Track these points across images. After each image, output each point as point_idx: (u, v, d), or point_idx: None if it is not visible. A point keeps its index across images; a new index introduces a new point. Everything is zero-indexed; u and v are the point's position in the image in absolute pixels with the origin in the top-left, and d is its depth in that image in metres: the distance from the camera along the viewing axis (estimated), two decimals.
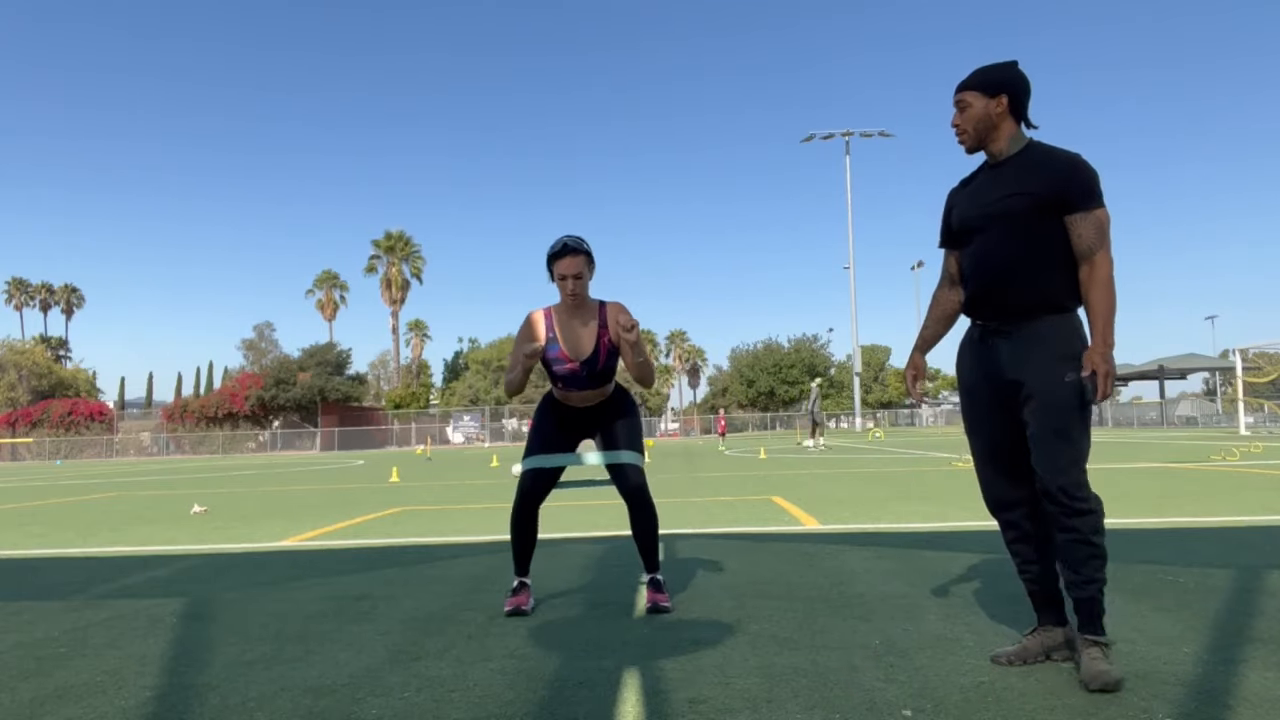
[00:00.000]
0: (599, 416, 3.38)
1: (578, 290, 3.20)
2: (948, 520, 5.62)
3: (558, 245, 3.17)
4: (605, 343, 3.26)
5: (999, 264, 2.36)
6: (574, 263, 3.16)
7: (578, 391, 3.32)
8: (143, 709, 2.19)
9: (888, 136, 51.13)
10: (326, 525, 6.67)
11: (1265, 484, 7.60)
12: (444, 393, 61.06)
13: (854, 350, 51.95)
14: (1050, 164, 2.32)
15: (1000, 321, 2.38)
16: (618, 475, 3.28)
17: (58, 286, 70.12)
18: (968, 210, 2.46)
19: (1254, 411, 35.59)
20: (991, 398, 2.40)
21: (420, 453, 30.86)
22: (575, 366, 3.24)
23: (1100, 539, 2.23)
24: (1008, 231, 2.35)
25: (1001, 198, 2.36)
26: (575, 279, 3.17)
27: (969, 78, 2.44)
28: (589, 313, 3.29)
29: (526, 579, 3.31)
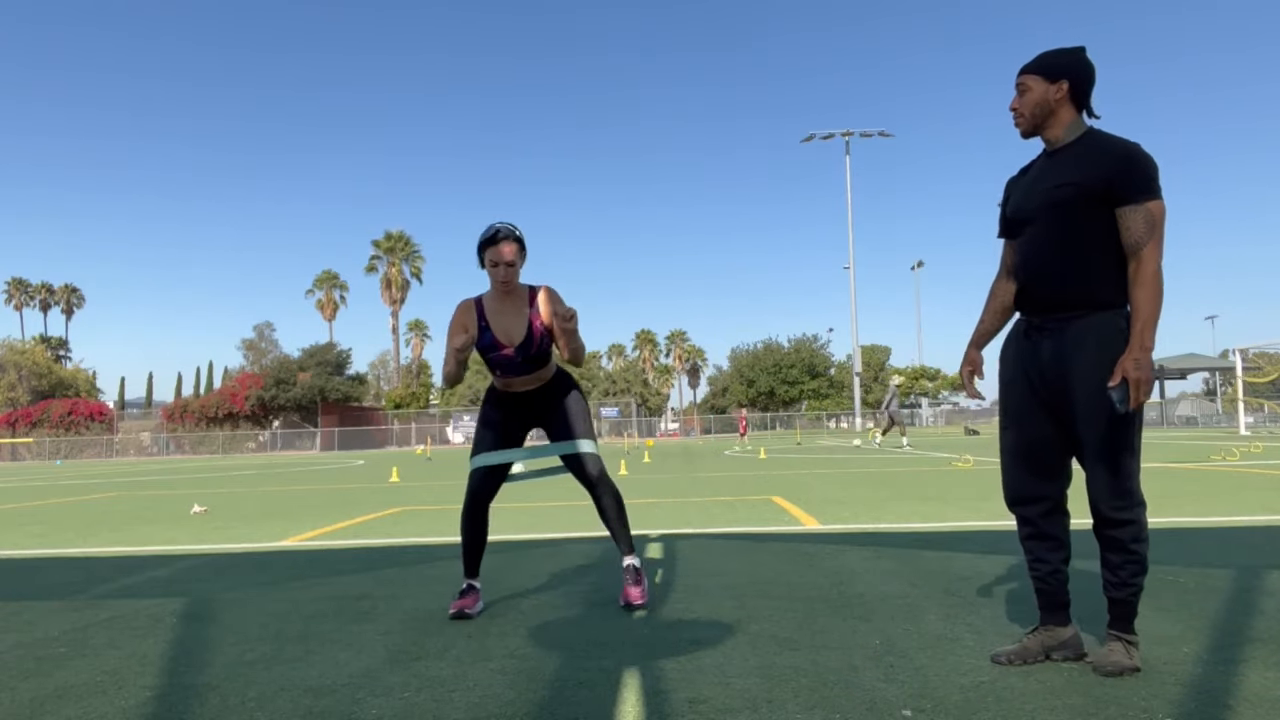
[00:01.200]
0: (543, 403, 3.36)
1: (509, 277, 3.19)
2: (948, 520, 5.62)
3: (489, 231, 3.17)
4: (537, 326, 3.25)
5: (1045, 257, 2.31)
6: (507, 249, 3.15)
7: (516, 377, 3.31)
8: (143, 709, 2.19)
9: (888, 136, 51.14)
10: (326, 525, 6.67)
11: (1265, 484, 7.60)
12: (444, 393, 61.03)
13: (854, 350, 51.94)
14: (1103, 153, 2.24)
15: (1044, 317, 2.33)
16: (575, 465, 3.27)
17: (58, 286, 70.15)
18: (1020, 200, 2.41)
19: (1254, 411, 35.59)
20: (1029, 394, 2.37)
21: (420, 453, 30.85)
22: (510, 352, 3.24)
23: (1140, 547, 2.23)
24: (1056, 223, 2.28)
25: (1052, 187, 2.29)
26: (508, 265, 3.16)
27: (1032, 61, 2.38)
28: (519, 298, 3.28)
29: (476, 581, 3.28)
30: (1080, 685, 2.14)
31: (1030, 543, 2.41)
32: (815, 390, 60.19)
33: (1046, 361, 2.31)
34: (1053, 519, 2.38)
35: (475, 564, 3.29)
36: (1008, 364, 2.45)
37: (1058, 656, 2.37)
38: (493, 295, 3.29)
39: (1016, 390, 2.40)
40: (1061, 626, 2.38)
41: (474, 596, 3.22)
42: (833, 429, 54.20)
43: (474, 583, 3.28)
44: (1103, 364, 2.19)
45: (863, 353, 56.94)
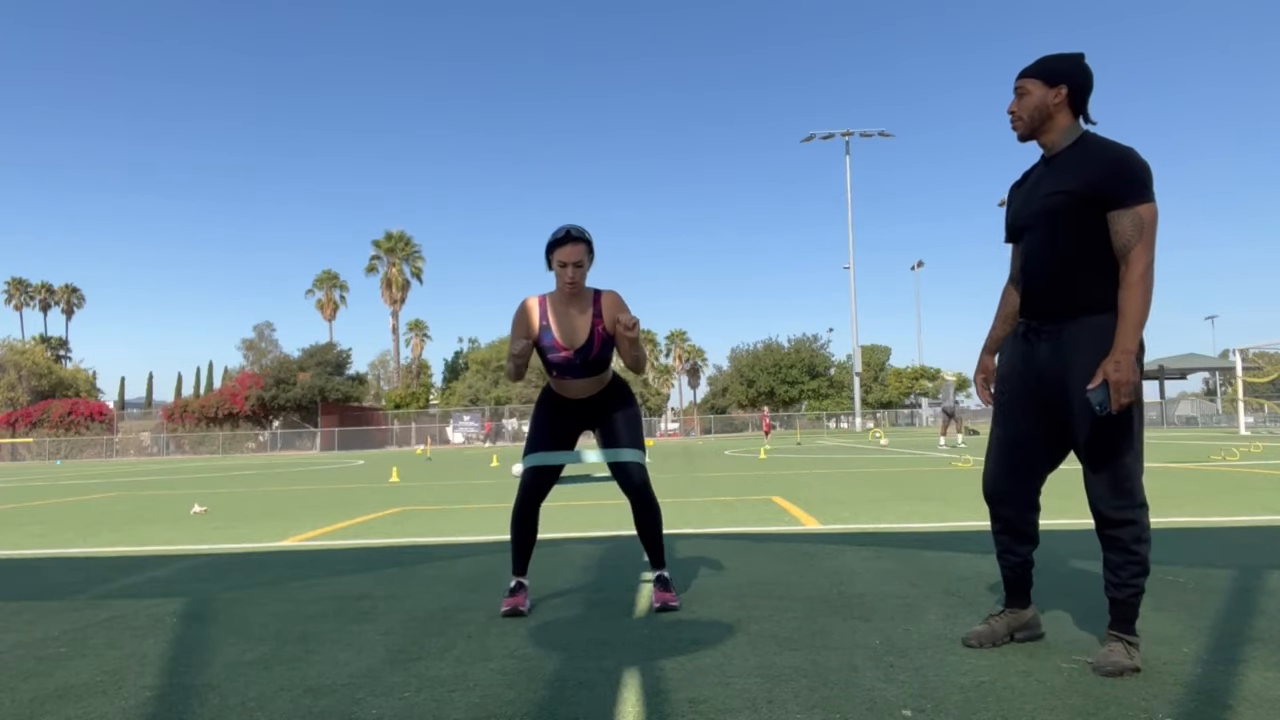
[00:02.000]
0: (598, 409, 3.36)
1: (576, 279, 3.17)
2: (948, 520, 5.62)
3: (560, 232, 3.15)
4: (599, 331, 3.23)
5: (1042, 262, 2.34)
6: (574, 251, 3.14)
7: (573, 380, 3.30)
8: (143, 709, 2.19)
9: (888, 136, 51.17)
10: (327, 525, 6.67)
11: (1265, 484, 7.60)
12: (444, 393, 61.05)
13: (854, 350, 51.98)
14: (1096, 158, 2.26)
15: (1042, 321, 2.36)
16: (620, 473, 3.27)
17: (58, 286, 70.14)
18: (1020, 206, 2.45)
19: (1254, 411, 35.59)
20: (1023, 394, 2.41)
21: (420, 453, 30.86)
22: (569, 355, 3.22)
23: (1141, 548, 2.26)
24: (1051, 229, 2.32)
25: (1048, 194, 2.33)
26: (575, 267, 3.15)
27: (1032, 65, 2.40)
28: (584, 301, 3.26)
29: (524, 579, 3.29)
30: (1080, 685, 2.14)
31: (1003, 536, 2.50)
32: (815, 390, 60.20)
33: (1044, 364, 2.34)
34: (1026, 515, 2.47)
35: (524, 562, 3.29)
36: (1005, 364, 2.51)
37: (1020, 637, 2.52)
38: (557, 296, 3.27)
39: (1011, 389, 2.46)
40: (1024, 609, 2.54)
41: (523, 594, 3.23)
42: (833, 429, 54.18)
43: (523, 580, 3.28)
44: (1090, 365, 2.23)
45: (863, 353, 56.95)
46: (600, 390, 3.36)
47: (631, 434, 3.31)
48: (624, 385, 3.43)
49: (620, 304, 3.27)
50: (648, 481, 3.26)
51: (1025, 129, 2.41)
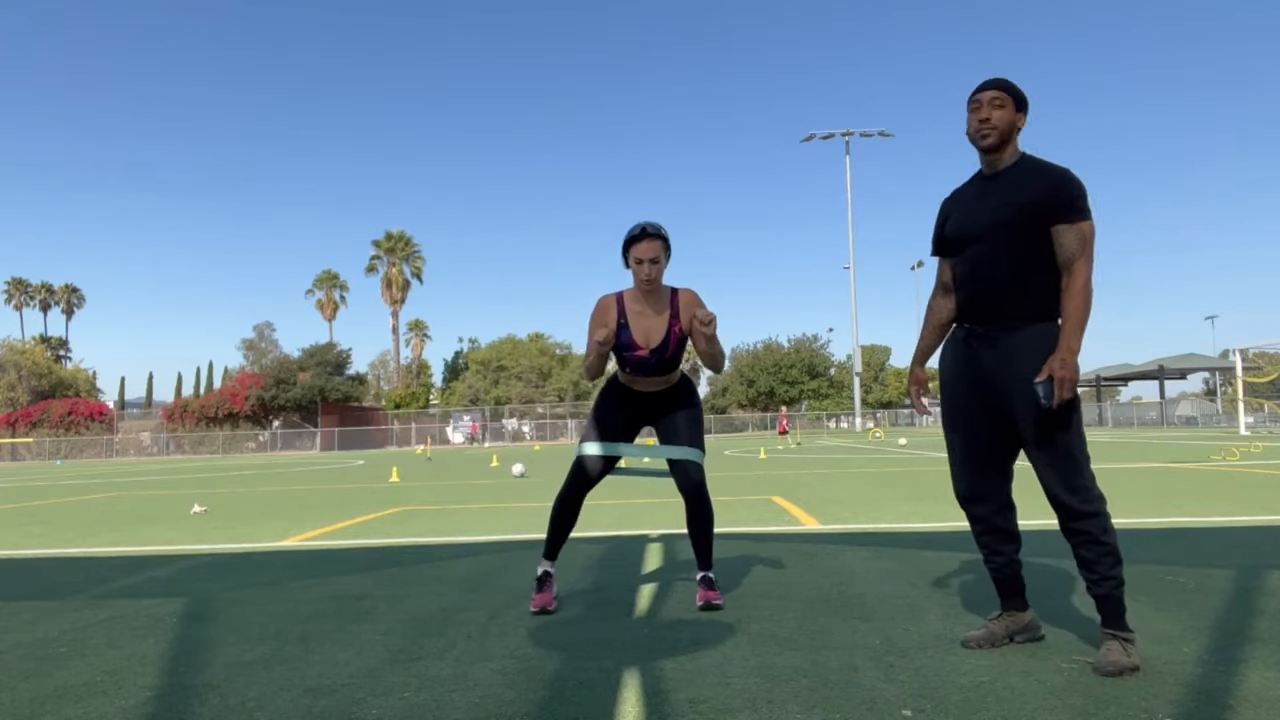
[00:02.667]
0: (662, 405, 3.35)
1: (653, 275, 3.17)
2: (948, 520, 5.61)
3: (636, 229, 3.16)
4: (676, 331, 3.23)
5: (991, 272, 2.42)
6: (651, 247, 3.14)
7: (644, 377, 3.30)
8: (143, 709, 2.19)
9: (887, 136, 51.21)
10: (326, 525, 6.67)
11: (1265, 484, 7.60)
12: (444, 393, 61.07)
13: (854, 350, 51.99)
14: (1040, 177, 2.38)
15: (987, 327, 2.44)
16: (678, 471, 3.26)
17: (58, 286, 70.16)
18: (963, 219, 2.51)
19: (1254, 411, 35.60)
20: (972, 398, 2.48)
21: (420, 453, 30.87)
22: (644, 354, 3.23)
23: (1110, 538, 2.32)
24: (1001, 241, 2.39)
25: (996, 208, 2.41)
26: (652, 263, 3.15)
27: (1005, 82, 2.47)
28: (661, 300, 3.26)
29: (552, 567, 3.29)
30: (1080, 685, 2.14)
31: (985, 538, 2.54)
32: (815, 390, 60.22)
33: (987, 367, 2.43)
34: (1004, 514, 2.53)
35: (557, 548, 3.32)
36: (946, 370, 2.58)
37: (1020, 639, 2.54)
38: (634, 294, 3.26)
39: (959, 394, 2.52)
40: (1021, 611, 2.55)
41: (551, 587, 3.24)
42: (833, 429, 54.18)
43: (551, 569, 3.29)
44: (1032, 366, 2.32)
45: (863, 353, 56.96)
46: (668, 387, 3.37)
47: (692, 433, 3.29)
48: (690, 383, 3.43)
49: (697, 301, 3.28)
50: (704, 482, 3.25)
51: (997, 140, 2.44)
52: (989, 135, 2.43)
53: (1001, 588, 2.55)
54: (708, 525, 3.26)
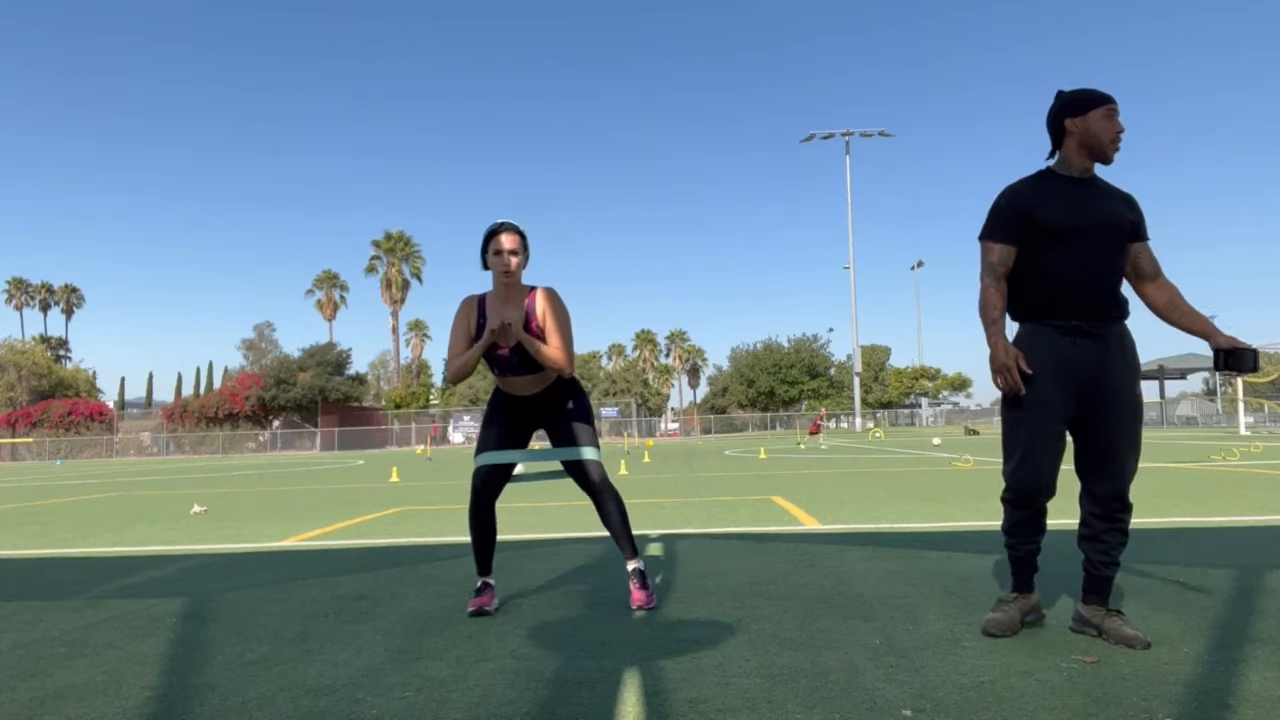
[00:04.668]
0: (547, 407, 3.33)
1: (511, 267, 3.17)
2: (948, 520, 5.61)
3: (495, 224, 3.18)
4: (533, 327, 3.22)
5: (1099, 268, 2.55)
6: (510, 239, 3.16)
7: (515, 378, 3.28)
8: (143, 709, 2.19)
9: (888, 136, 51.18)
10: (326, 525, 6.67)
11: (1265, 484, 7.60)
12: (444, 393, 61.04)
13: (854, 350, 51.97)
14: (1125, 195, 2.67)
15: (1088, 321, 2.54)
16: (577, 472, 3.25)
17: (58, 286, 70.14)
18: (1072, 214, 2.55)
19: (1254, 411, 35.58)
20: (1064, 393, 2.54)
21: (420, 453, 30.85)
22: (504, 352, 3.21)
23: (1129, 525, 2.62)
24: (1113, 242, 2.57)
25: (1108, 211, 2.57)
26: (511, 254, 3.15)
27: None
28: (519, 297, 3.26)
29: (490, 579, 3.29)
30: (1080, 685, 2.14)
31: (1025, 529, 2.65)
32: (815, 390, 60.18)
33: (1085, 360, 2.53)
34: (1047, 506, 2.65)
35: (487, 561, 3.29)
36: (1042, 362, 2.55)
37: (1031, 619, 2.74)
38: (495, 293, 3.28)
39: (1051, 388, 2.54)
40: (1031, 593, 2.74)
41: (490, 594, 3.24)
42: (833, 429, 54.16)
43: (488, 580, 3.28)
44: (1130, 365, 2.57)
45: (863, 353, 56.95)
46: (546, 387, 3.33)
47: (584, 432, 3.28)
48: (573, 383, 3.39)
49: (550, 300, 3.24)
50: (605, 477, 3.25)
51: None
52: (1118, 149, 2.60)
53: (1022, 573, 2.70)
54: (623, 516, 3.26)
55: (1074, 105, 2.60)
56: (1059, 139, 2.66)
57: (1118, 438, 2.51)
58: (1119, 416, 2.51)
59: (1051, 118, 2.67)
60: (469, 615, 3.14)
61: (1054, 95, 2.67)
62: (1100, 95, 2.58)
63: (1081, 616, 2.64)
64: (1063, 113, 2.63)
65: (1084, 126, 2.58)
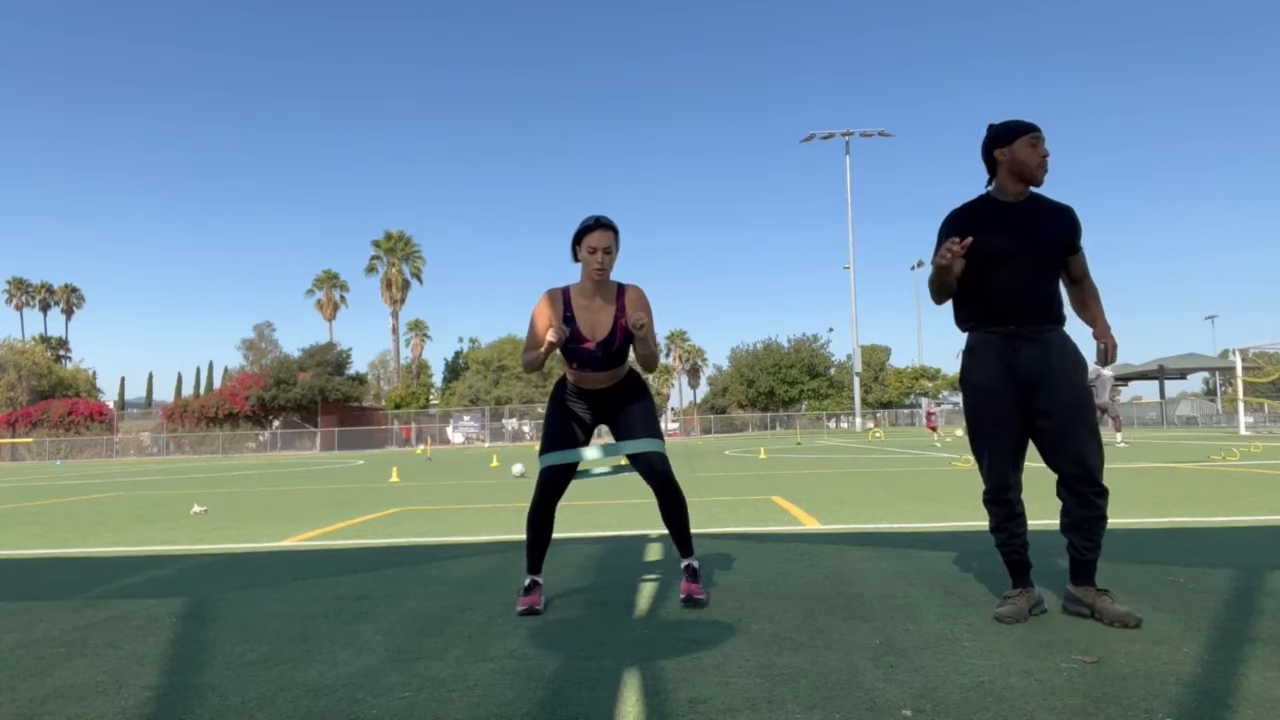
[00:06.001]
0: (613, 402, 3.36)
1: (605, 265, 3.18)
2: (948, 520, 5.61)
3: (590, 220, 3.18)
4: (622, 325, 3.24)
5: (1033, 283, 2.82)
6: (604, 237, 3.16)
7: (591, 373, 3.30)
8: (143, 709, 2.19)
9: (887, 136, 51.20)
10: (326, 525, 6.67)
11: (1265, 484, 7.60)
12: (444, 393, 61.04)
13: (854, 350, 51.98)
14: (1066, 214, 2.90)
15: (1028, 328, 2.82)
16: (642, 464, 3.26)
17: (58, 286, 70.11)
18: (1003, 238, 2.81)
19: (1254, 411, 35.59)
20: (1014, 395, 2.80)
21: (420, 453, 30.85)
22: (591, 347, 3.22)
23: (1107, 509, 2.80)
24: (1047, 258, 2.84)
25: (1045, 231, 2.84)
26: (605, 253, 3.16)
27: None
28: (608, 293, 3.26)
29: (539, 577, 3.29)
30: (1080, 685, 2.14)
31: (1009, 524, 2.88)
32: (815, 390, 60.17)
33: (1028, 361, 2.80)
34: (1020, 499, 2.90)
35: (539, 560, 3.30)
36: (991, 371, 2.84)
37: (1036, 612, 2.86)
38: (581, 288, 3.27)
39: (1002, 393, 2.82)
40: (1032, 587, 2.91)
41: (539, 593, 3.24)
42: (833, 429, 54.16)
43: (538, 578, 3.28)
44: (1071, 361, 2.82)
45: (863, 353, 56.94)
46: (616, 382, 3.36)
47: (649, 424, 3.30)
48: (638, 377, 3.43)
49: (642, 301, 3.29)
50: (670, 471, 3.26)
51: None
52: (1046, 171, 2.83)
53: (1018, 569, 2.89)
54: (683, 513, 3.28)
55: (1001, 137, 2.88)
56: (992, 168, 2.93)
57: (1069, 420, 2.74)
58: (1065, 402, 2.75)
59: (983, 149, 2.94)
60: (519, 614, 3.13)
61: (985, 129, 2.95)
62: (1024, 125, 2.85)
63: (1073, 596, 2.86)
64: (991, 144, 2.91)
65: (1011, 155, 2.85)
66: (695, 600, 3.17)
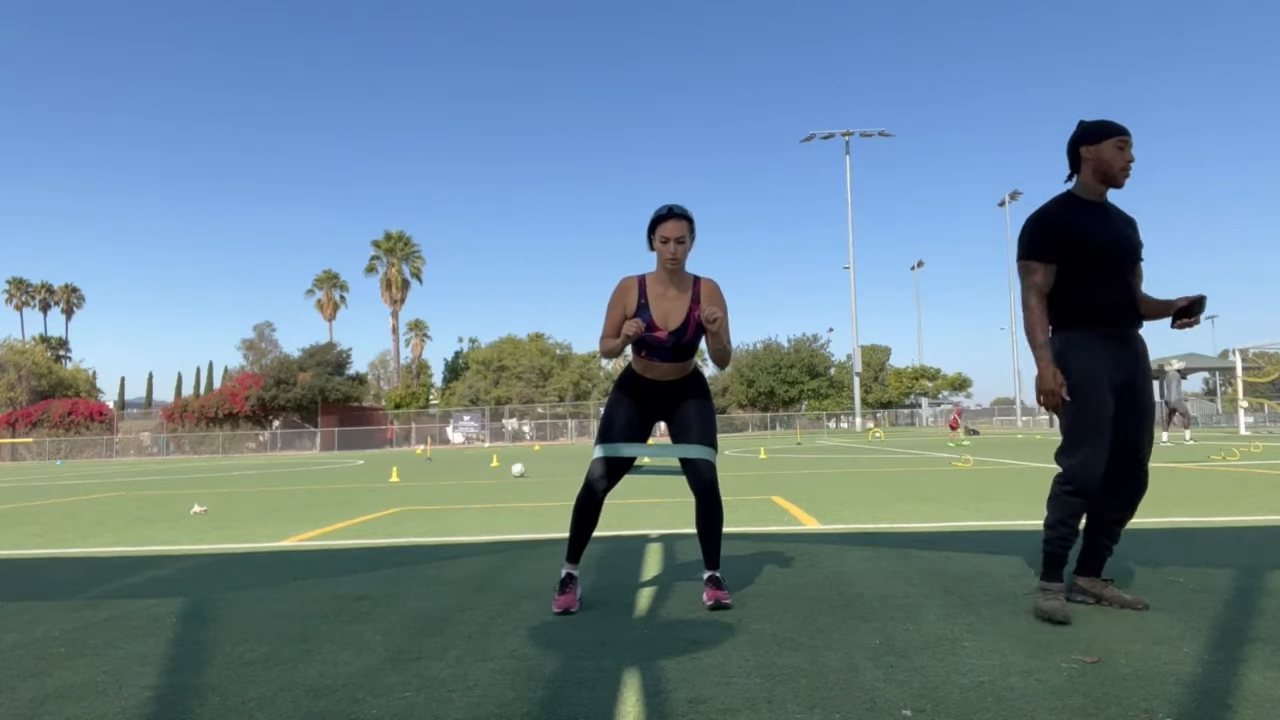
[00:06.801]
0: (675, 398, 3.34)
1: (679, 255, 3.18)
2: (948, 520, 5.61)
3: (664, 209, 3.19)
4: (695, 316, 3.24)
5: (1129, 285, 2.87)
6: (678, 226, 3.16)
7: (660, 363, 3.29)
8: (143, 709, 2.19)
9: (887, 136, 51.18)
10: (326, 525, 6.67)
11: (1265, 484, 7.59)
12: (444, 393, 61.04)
13: (854, 350, 51.96)
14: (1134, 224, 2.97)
15: (1125, 330, 2.88)
16: (690, 470, 3.26)
17: (58, 286, 70.15)
18: (1105, 237, 2.83)
19: (1254, 411, 35.58)
20: (1112, 391, 2.84)
21: (420, 453, 30.85)
22: (663, 336, 3.22)
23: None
24: (1131, 261, 2.89)
25: (1126, 235, 2.88)
26: (678, 243, 3.16)
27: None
28: (683, 284, 3.27)
29: (576, 570, 3.29)
30: (1080, 685, 2.14)
31: (1078, 518, 2.89)
32: (815, 390, 60.17)
33: (1121, 364, 2.85)
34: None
35: (580, 550, 3.29)
36: (1097, 368, 2.82)
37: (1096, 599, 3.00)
38: (657, 276, 3.27)
39: (1106, 390, 2.82)
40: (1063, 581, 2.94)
41: (574, 589, 3.23)
42: (833, 429, 54.16)
43: (574, 571, 3.28)
44: (1148, 369, 2.91)
45: (863, 353, 56.93)
46: (682, 377, 3.36)
47: (705, 431, 3.29)
48: (702, 378, 3.43)
49: (718, 295, 3.30)
50: (715, 480, 3.25)
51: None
52: (1128, 176, 2.84)
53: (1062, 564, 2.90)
54: (718, 525, 3.27)
55: (1089, 135, 2.85)
56: (1076, 165, 2.90)
57: (1145, 424, 2.86)
58: (1145, 405, 2.86)
59: (1070, 145, 2.91)
60: (555, 614, 3.12)
61: (1076, 124, 2.91)
62: (1115, 127, 2.82)
63: (1079, 587, 2.99)
64: (1079, 141, 2.88)
65: (1097, 155, 2.83)
66: (722, 606, 3.15)
